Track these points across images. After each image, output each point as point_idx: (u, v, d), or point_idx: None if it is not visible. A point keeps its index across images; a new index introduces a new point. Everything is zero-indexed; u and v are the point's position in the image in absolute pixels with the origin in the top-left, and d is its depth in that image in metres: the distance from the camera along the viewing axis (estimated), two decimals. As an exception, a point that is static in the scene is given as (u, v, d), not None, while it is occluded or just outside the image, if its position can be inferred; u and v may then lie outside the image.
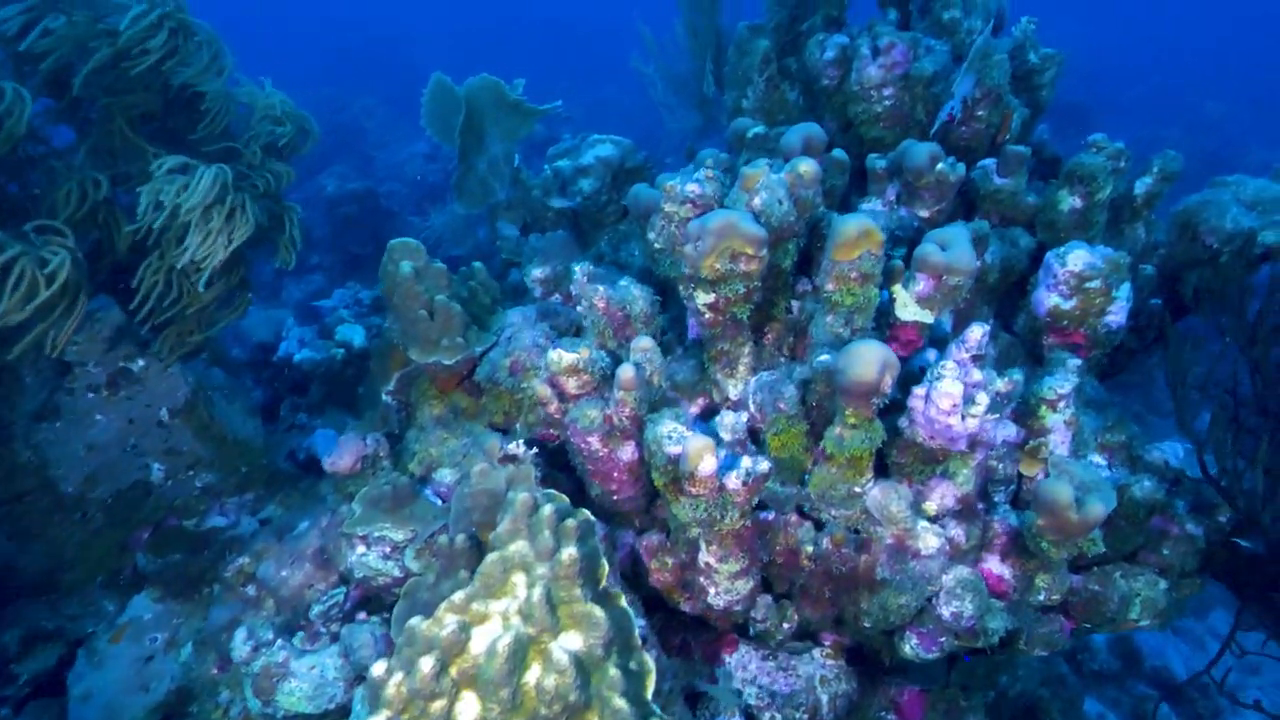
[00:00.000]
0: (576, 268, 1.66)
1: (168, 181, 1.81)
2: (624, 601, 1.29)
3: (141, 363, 1.97)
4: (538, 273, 1.92)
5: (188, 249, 1.80)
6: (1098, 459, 1.48)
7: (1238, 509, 1.30)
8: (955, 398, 1.20)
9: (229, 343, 3.86)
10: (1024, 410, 1.46)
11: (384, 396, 1.97)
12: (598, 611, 1.17)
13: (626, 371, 1.30)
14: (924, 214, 1.59)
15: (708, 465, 1.19)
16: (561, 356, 1.36)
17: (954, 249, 1.30)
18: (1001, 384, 1.32)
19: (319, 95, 9.34)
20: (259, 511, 2.17)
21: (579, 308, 1.57)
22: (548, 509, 1.25)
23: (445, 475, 1.67)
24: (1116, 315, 1.47)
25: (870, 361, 1.17)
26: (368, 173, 7.71)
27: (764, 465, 1.24)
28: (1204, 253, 1.69)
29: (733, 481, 1.21)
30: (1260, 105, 9.41)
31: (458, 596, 1.21)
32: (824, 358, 1.32)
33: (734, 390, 1.52)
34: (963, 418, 1.22)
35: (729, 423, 1.44)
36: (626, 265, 2.31)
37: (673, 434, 1.29)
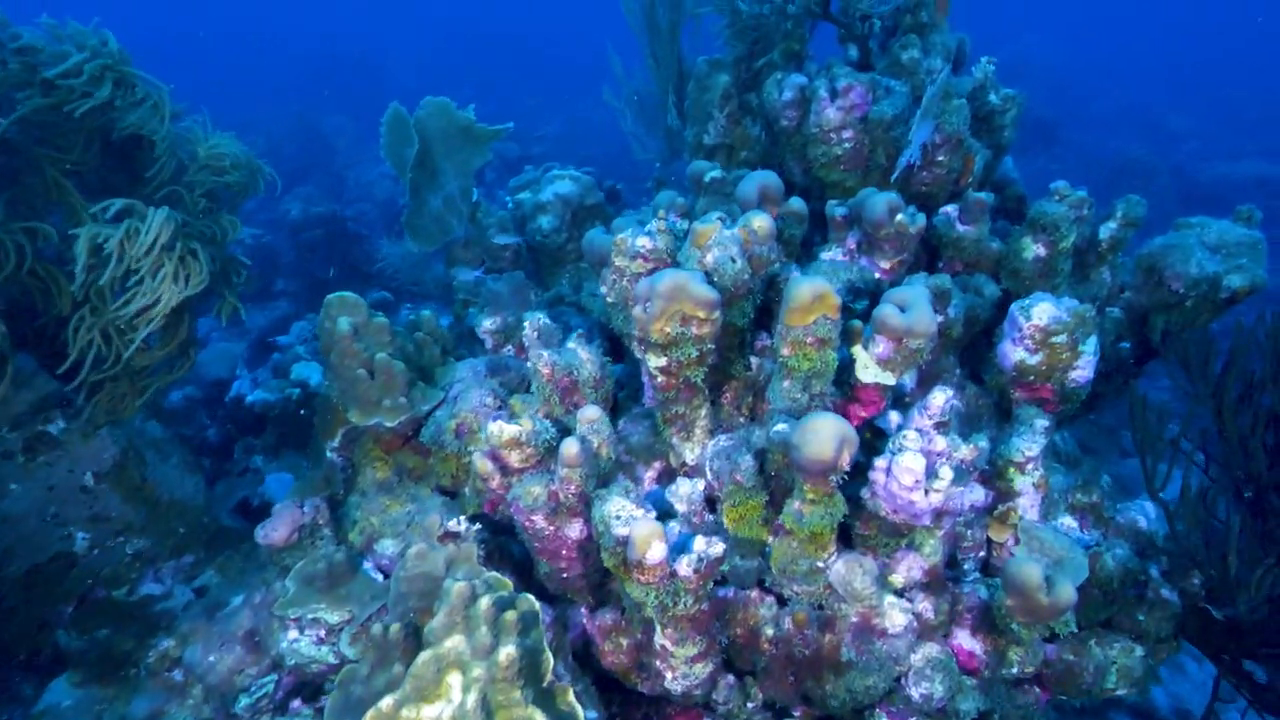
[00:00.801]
0: (526, 322, 1.57)
1: (110, 227, 1.70)
2: (570, 697, 1.19)
3: (62, 424, 1.84)
4: (488, 324, 1.83)
5: (138, 297, 1.69)
6: (1069, 521, 1.42)
7: (1213, 580, 1.25)
8: (917, 473, 1.13)
9: (181, 380, 3.69)
10: (992, 472, 1.39)
11: (328, 453, 1.86)
12: (539, 717, 1.08)
13: (570, 448, 1.21)
14: (885, 265, 1.53)
15: (656, 553, 1.10)
16: (502, 430, 1.27)
17: (913, 311, 1.24)
18: (966, 450, 1.25)
19: (288, 113, 9.18)
20: (196, 577, 2.04)
21: (529, 364, 1.48)
22: (485, 601, 1.15)
23: (387, 546, 1.56)
24: (1083, 370, 1.42)
25: (826, 439, 1.09)
26: (338, 192, 7.55)
27: (718, 548, 1.15)
28: (1170, 297, 1.65)
29: (684, 568, 1.12)
30: (1223, 120, 9.64)
31: (386, 703, 1.11)
32: (780, 427, 1.25)
33: (691, 455, 1.44)
34: (926, 493, 1.15)
35: (684, 493, 1.36)
36: (587, 308, 2.23)
37: (621, 513, 1.20)
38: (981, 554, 1.39)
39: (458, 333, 2.35)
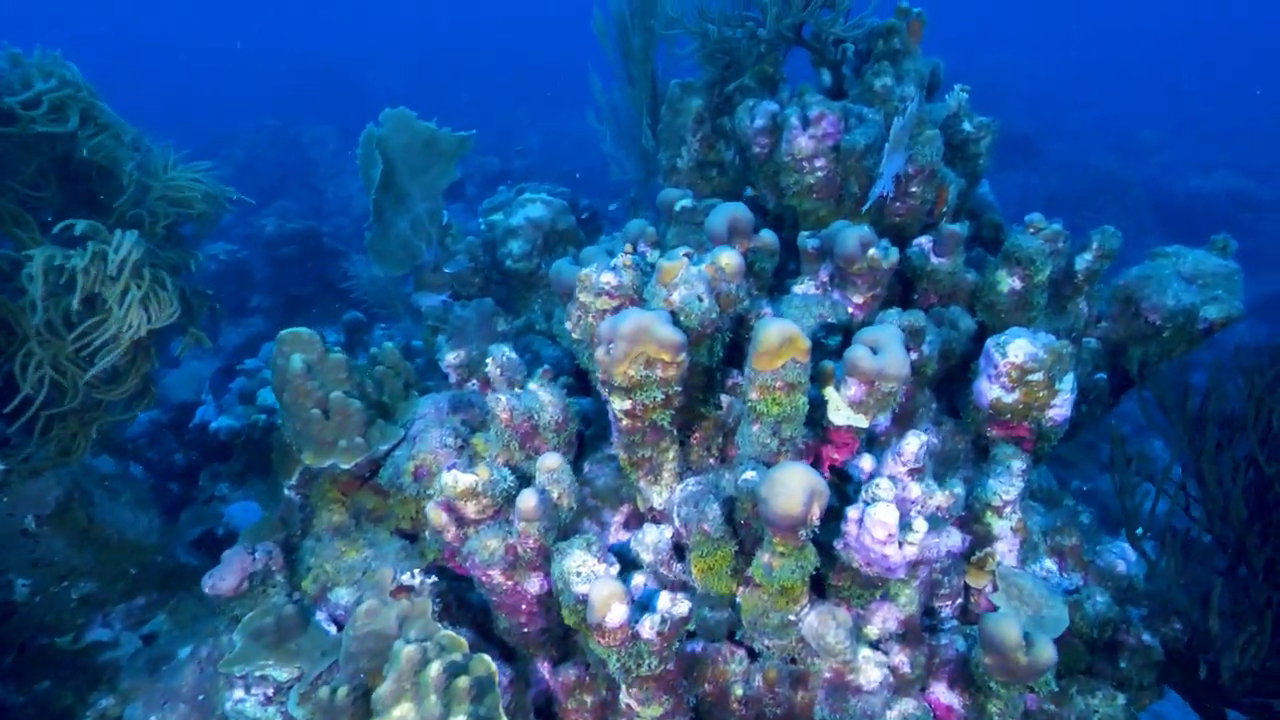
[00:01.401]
0: (489, 359, 1.51)
1: (67, 251, 1.61)
2: (529, 766, 1.13)
3: (1, 466, 1.74)
4: (451, 357, 1.76)
5: (108, 325, 1.60)
6: (1048, 564, 1.38)
7: (1195, 634, 1.21)
8: (890, 526, 1.08)
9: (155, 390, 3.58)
10: (969, 516, 1.35)
11: (286, 491, 1.78)
12: (491, 795, 1.01)
13: (528, 501, 1.15)
14: (858, 299, 1.49)
15: (616, 615, 1.04)
16: (457, 480, 1.21)
17: (885, 353, 1.19)
18: (941, 497, 1.21)
19: (269, 125, 9.06)
20: (147, 621, 1.94)
21: (488, 407, 1.42)
22: (435, 667, 1.09)
23: (342, 596, 1.49)
24: (1061, 408, 1.38)
25: (794, 493, 1.04)
26: (317, 206, 7.43)
27: (683, 607, 1.09)
28: (1147, 329, 1.62)
29: (647, 630, 1.06)
30: (1193, 133, 9.83)
31: (327, 781, 1.03)
32: (749, 475, 1.19)
33: (658, 499, 1.38)
34: (900, 545, 1.10)
35: (650, 541, 1.30)
36: (559, 335, 2.17)
37: (581, 569, 1.14)
38: (959, 601, 1.35)
39: (429, 358, 2.28)
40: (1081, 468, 3.80)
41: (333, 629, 1.46)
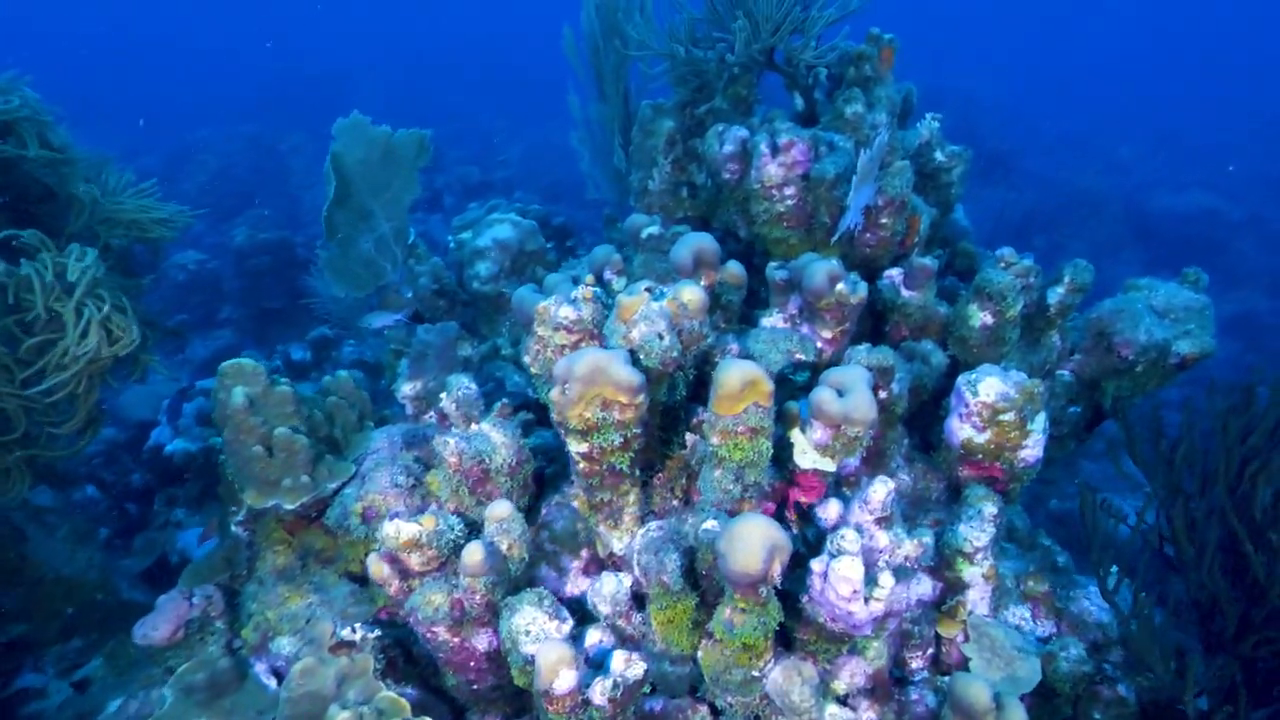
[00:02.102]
0: (443, 394, 1.44)
1: (29, 265, 1.52)
2: (472, 842, 1.05)
3: (-78, 504, 1.63)
4: (408, 388, 1.69)
5: (61, 350, 1.51)
6: (1020, 611, 1.33)
7: (1169, 694, 1.17)
8: (855, 583, 1.02)
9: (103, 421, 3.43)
10: (940, 562, 1.30)
11: (234, 528, 1.69)
12: None
13: (473, 555, 1.08)
14: (827, 334, 1.45)
15: (564, 682, 0.97)
16: (399, 530, 1.13)
17: (852, 396, 1.15)
18: (910, 546, 1.15)
19: (245, 132, 8.90)
20: (82, 665, 1.83)
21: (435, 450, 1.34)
22: (371, 738, 1.01)
23: (284, 646, 1.40)
24: (1033, 449, 1.34)
25: (753, 549, 0.98)
26: (293, 215, 7.30)
27: (637, 669, 1.03)
28: (1120, 363, 1.60)
29: (599, 696, 1.00)
30: (1168, 151, 10.02)
31: None
32: (710, 525, 1.13)
33: (619, 544, 1.32)
34: (866, 601, 1.05)
35: (608, 592, 1.23)
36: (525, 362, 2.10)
37: (531, 628, 1.07)
38: (930, 651, 1.30)
39: (390, 384, 2.20)
40: (1059, 485, 3.78)
41: (273, 683, 1.37)
